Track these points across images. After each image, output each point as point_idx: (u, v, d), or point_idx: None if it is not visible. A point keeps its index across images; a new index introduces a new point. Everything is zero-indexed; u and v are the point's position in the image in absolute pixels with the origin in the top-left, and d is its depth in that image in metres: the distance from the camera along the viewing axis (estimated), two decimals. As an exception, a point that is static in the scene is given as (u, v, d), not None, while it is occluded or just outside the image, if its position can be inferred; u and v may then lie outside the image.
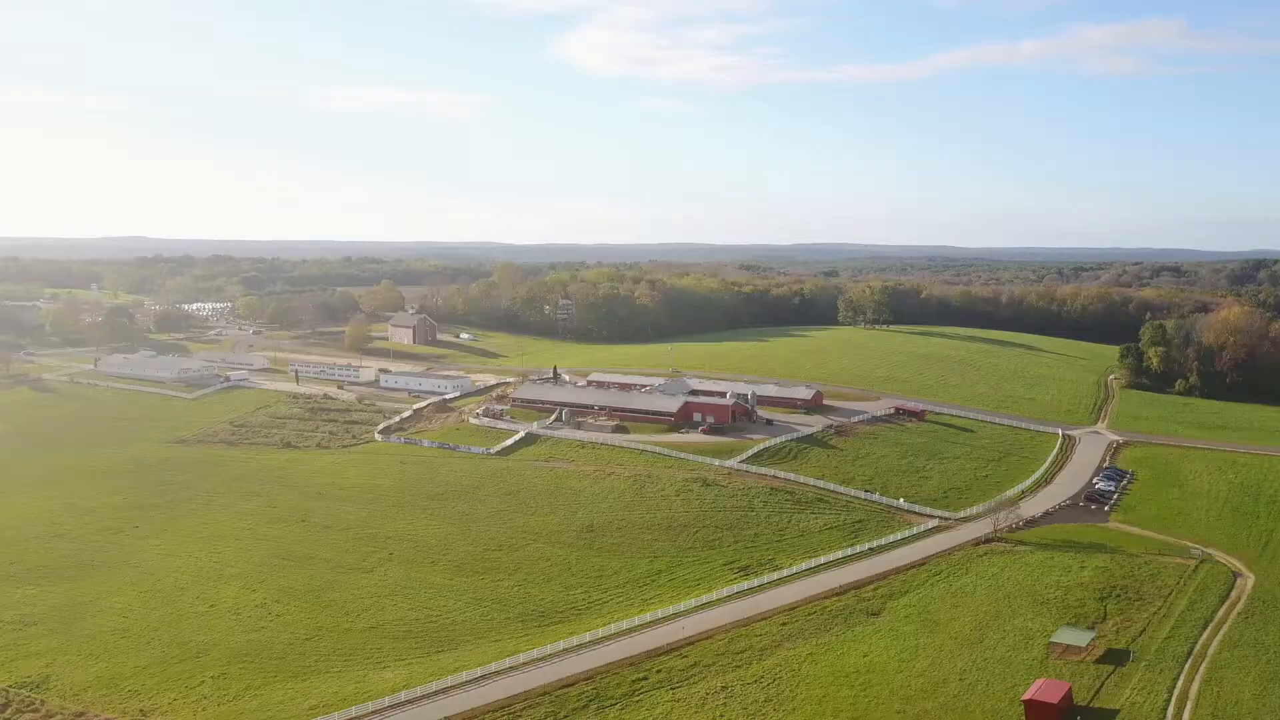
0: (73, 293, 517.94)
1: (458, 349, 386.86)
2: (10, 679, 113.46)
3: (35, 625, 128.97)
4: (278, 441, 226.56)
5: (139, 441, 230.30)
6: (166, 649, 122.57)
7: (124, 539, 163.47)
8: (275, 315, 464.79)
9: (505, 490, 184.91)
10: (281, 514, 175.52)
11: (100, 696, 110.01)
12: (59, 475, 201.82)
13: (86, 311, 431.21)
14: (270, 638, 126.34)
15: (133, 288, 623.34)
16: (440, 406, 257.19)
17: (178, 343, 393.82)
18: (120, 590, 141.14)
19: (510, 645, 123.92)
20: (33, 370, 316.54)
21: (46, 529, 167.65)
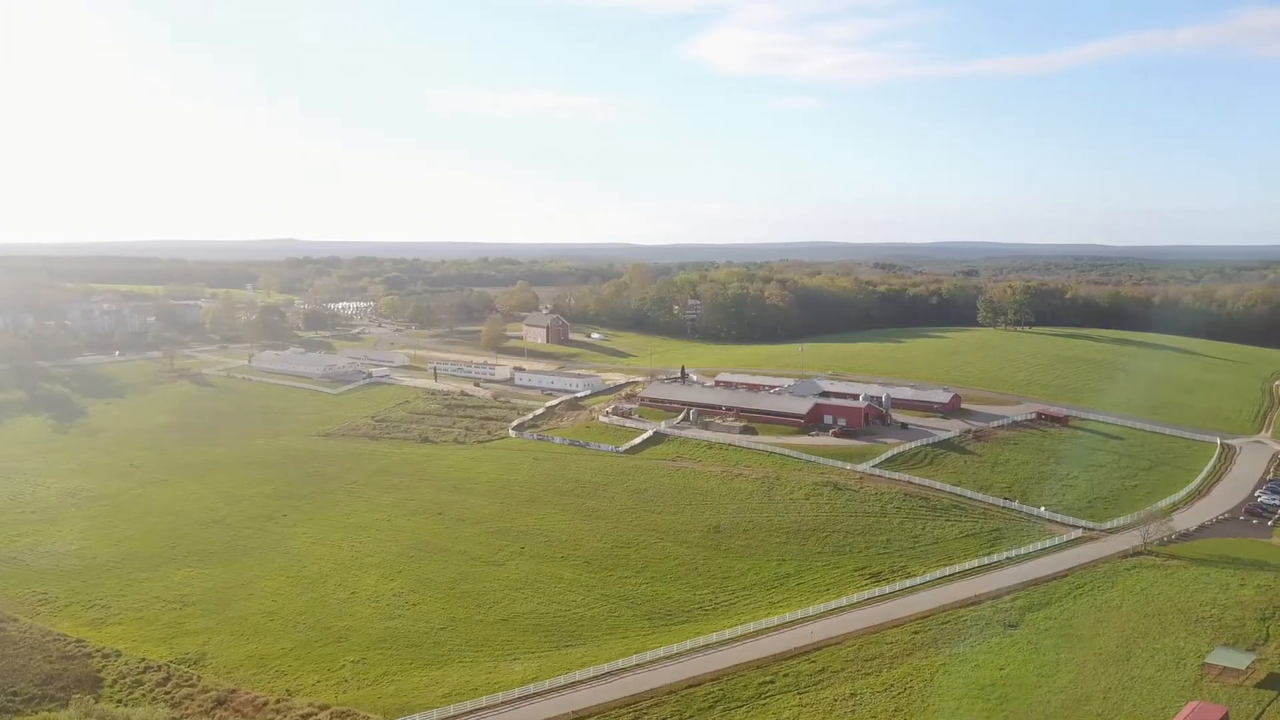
0: (230, 292, 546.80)
1: (589, 348, 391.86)
2: (171, 655, 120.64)
3: (193, 605, 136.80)
4: (416, 436, 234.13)
5: (288, 434, 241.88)
6: (311, 633, 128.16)
7: (273, 526, 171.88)
8: (415, 314, 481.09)
9: (633, 488, 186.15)
10: (419, 506, 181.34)
11: (250, 675, 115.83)
12: (215, 464, 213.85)
13: (242, 310, 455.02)
14: (407, 626, 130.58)
15: (284, 287, 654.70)
16: (571, 404, 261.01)
17: (324, 340, 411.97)
18: (269, 575, 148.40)
19: (637, 642, 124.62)
20: (193, 365, 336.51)
21: (204, 515, 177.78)
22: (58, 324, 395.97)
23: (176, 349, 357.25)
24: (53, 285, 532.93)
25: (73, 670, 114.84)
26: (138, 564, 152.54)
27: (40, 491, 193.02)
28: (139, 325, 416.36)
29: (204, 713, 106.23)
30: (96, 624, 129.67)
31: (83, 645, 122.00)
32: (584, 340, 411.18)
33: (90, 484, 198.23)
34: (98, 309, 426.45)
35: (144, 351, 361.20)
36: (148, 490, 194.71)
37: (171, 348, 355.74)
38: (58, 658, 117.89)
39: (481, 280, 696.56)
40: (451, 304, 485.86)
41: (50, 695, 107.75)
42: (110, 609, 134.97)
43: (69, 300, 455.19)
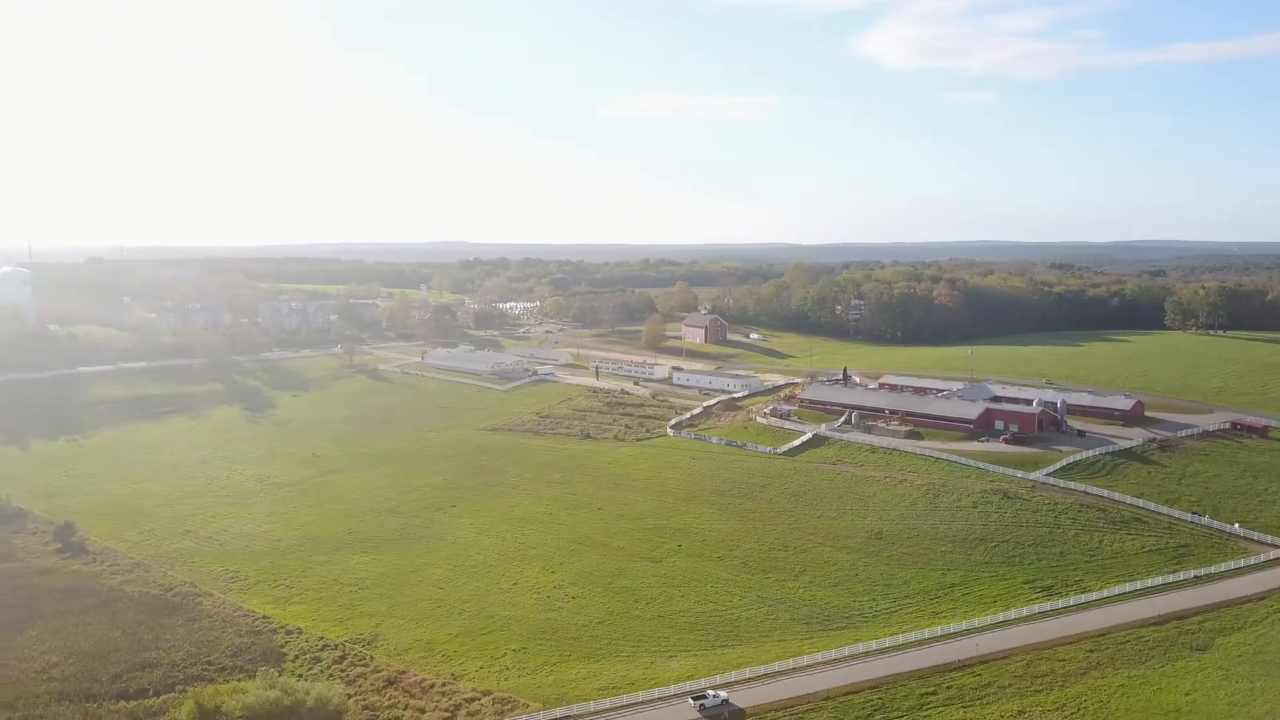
0: (405, 292, 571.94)
1: (747, 349, 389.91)
2: (346, 634, 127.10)
3: (367, 589, 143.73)
4: (578, 433, 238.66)
5: (457, 428, 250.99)
6: (474, 620, 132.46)
7: (442, 516, 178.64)
8: (579, 314, 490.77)
9: (791, 491, 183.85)
10: (579, 501, 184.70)
11: (418, 658, 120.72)
12: (389, 456, 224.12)
13: (416, 309, 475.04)
14: (566, 618, 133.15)
15: (455, 288, 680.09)
16: (729, 405, 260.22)
17: (492, 339, 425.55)
18: (438, 563, 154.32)
19: (794, 646, 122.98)
20: (371, 361, 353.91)
21: (378, 504, 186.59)
22: (251, 321, 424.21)
23: (356, 345, 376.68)
24: (247, 285, 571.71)
25: (259, 644, 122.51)
26: (318, 548, 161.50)
27: (234, 477, 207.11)
28: (322, 323, 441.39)
29: (375, 691, 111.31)
30: (280, 602, 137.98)
31: (268, 621, 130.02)
32: (742, 340, 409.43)
33: (277, 471, 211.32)
34: (286, 307, 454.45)
35: (326, 347, 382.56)
36: (328, 478, 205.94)
37: (351, 344, 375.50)
38: (246, 632, 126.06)
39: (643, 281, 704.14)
40: (613, 304, 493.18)
41: (239, 666, 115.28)
42: (293, 589, 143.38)
43: (261, 299, 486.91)
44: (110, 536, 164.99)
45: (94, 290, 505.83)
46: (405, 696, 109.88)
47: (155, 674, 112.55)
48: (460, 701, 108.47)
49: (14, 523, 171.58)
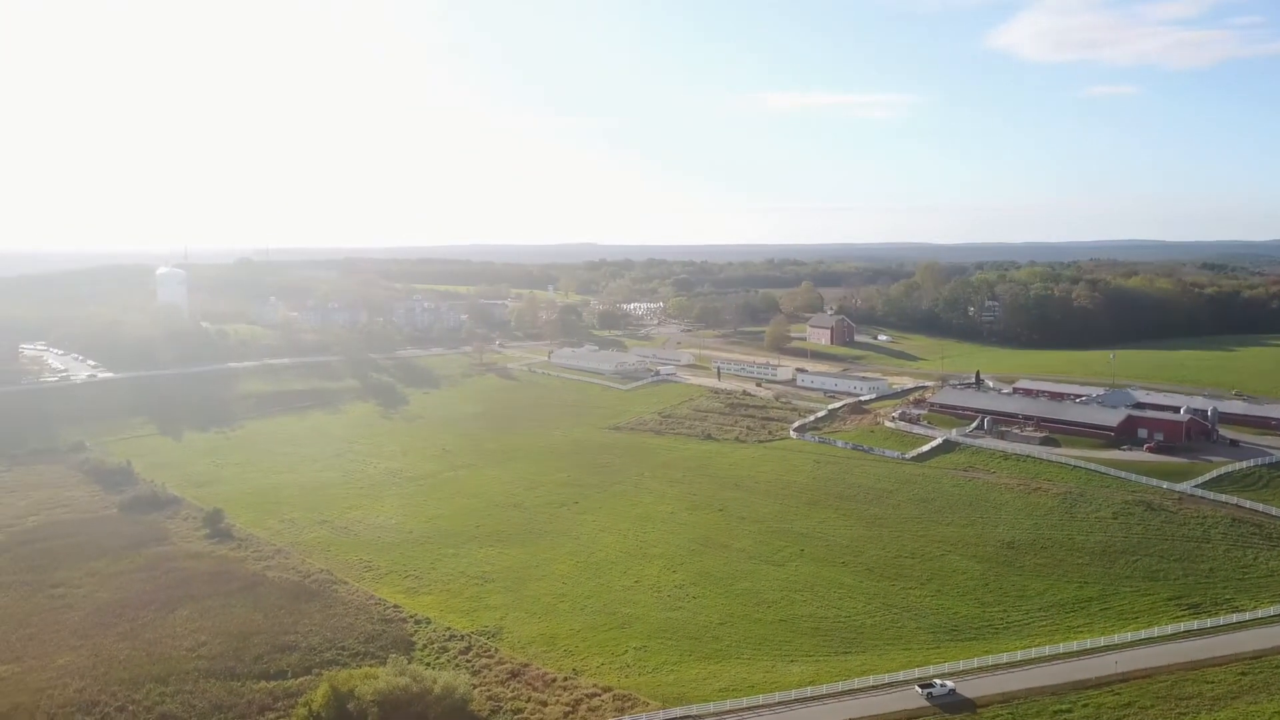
0: (533, 293, 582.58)
1: (874, 350, 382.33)
2: (472, 626, 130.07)
3: (493, 582, 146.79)
4: (699, 433, 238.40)
5: (581, 426, 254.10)
6: (596, 616, 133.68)
7: (565, 513, 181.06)
8: (701, 315, 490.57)
9: (919, 497, 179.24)
10: (701, 502, 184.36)
11: (541, 652, 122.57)
12: (516, 452, 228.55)
13: (543, 309, 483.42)
14: (687, 618, 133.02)
15: (581, 289, 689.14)
16: (855, 408, 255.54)
17: (616, 339, 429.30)
18: (561, 559, 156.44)
19: (920, 655, 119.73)
20: (499, 360, 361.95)
21: (504, 499, 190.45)
22: (386, 320, 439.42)
23: (485, 344, 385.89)
24: (383, 286, 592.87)
25: (390, 632, 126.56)
26: (446, 540, 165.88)
27: (368, 470, 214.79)
28: (454, 322, 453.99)
29: (499, 683, 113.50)
30: (410, 592, 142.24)
31: (399, 610, 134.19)
32: (869, 342, 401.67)
33: (408, 465, 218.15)
34: (419, 307, 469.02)
35: (457, 346, 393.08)
36: (457, 473, 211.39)
37: (481, 343, 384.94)
38: (378, 620, 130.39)
39: (766, 281, 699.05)
40: (736, 305, 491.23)
41: (371, 653, 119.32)
42: (422, 580, 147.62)
43: (395, 299, 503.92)
44: (254, 524, 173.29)
45: (243, 290, 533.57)
46: (528, 689, 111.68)
47: (294, 657, 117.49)
48: (581, 696, 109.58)
49: (168, 508, 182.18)
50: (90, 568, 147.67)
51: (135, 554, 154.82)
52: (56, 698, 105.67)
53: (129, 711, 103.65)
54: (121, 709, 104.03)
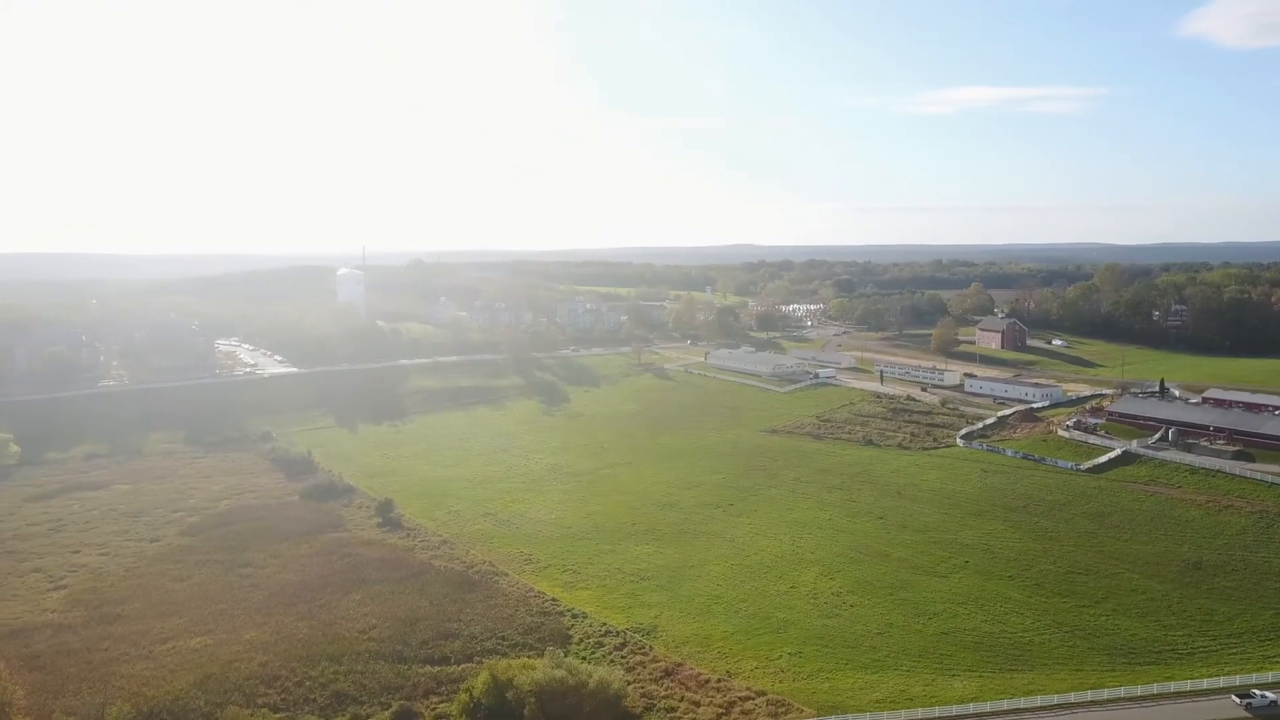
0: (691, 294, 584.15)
1: (1048, 356, 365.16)
2: (628, 623, 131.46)
3: (648, 580, 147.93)
4: (860, 438, 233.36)
5: (737, 428, 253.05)
6: (751, 620, 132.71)
7: (721, 515, 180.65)
8: (863, 316, 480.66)
9: (1094, 511, 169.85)
10: (860, 509, 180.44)
11: (695, 652, 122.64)
12: (672, 452, 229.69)
13: (701, 311, 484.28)
14: (844, 626, 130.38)
15: (739, 290, 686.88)
16: (1026, 415, 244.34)
17: (774, 340, 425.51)
18: (716, 560, 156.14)
19: (1092, 678, 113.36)
20: (657, 360, 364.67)
21: (661, 498, 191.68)
22: (549, 320, 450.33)
23: (644, 345, 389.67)
24: (547, 287, 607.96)
25: (548, 625, 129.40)
26: (603, 537, 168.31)
27: (530, 465, 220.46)
28: (613, 323, 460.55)
29: (653, 680, 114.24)
30: (568, 586, 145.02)
31: (556, 604, 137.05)
32: (1043, 347, 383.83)
33: (568, 461, 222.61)
34: (581, 308, 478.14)
35: (616, 346, 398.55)
36: (615, 471, 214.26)
37: (639, 343, 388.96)
38: (537, 612, 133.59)
39: (933, 283, 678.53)
40: (901, 306, 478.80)
41: (530, 644, 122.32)
42: (580, 574, 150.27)
43: (559, 300, 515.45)
44: (422, 515, 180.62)
45: (415, 290, 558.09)
46: (681, 689, 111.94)
47: (456, 644, 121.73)
48: (735, 699, 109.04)
49: (344, 497, 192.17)
50: (274, 550, 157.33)
51: (314, 539, 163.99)
52: (243, 669, 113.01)
53: (306, 687, 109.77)
54: (299, 684, 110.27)
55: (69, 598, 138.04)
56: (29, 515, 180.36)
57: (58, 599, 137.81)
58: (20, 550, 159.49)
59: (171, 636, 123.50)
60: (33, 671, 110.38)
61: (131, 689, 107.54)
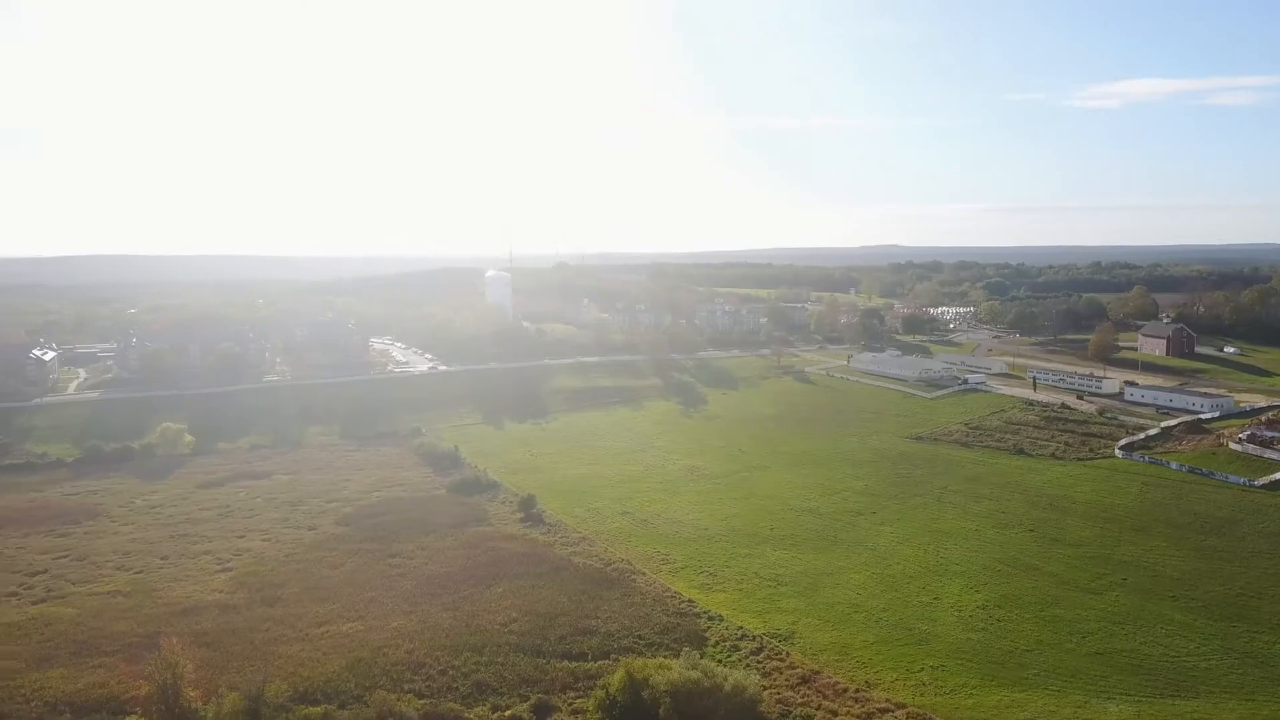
0: (834, 296, 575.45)
1: (1219, 364, 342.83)
2: (764, 628, 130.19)
3: (785, 585, 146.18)
4: (1010, 447, 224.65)
5: (880, 434, 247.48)
6: (891, 630, 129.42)
7: (861, 521, 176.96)
8: (1016, 321, 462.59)
9: (1270, 530, 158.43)
10: (1009, 520, 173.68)
11: (833, 660, 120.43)
12: (811, 457, 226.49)
13: (843, 313, 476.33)
14: (989, 641, 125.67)
15: (884, 291, 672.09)
16: (1193, 427, 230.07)
17: (920, 344, 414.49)
18: (856, 568, 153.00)
19: (1266, 709, 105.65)
20: (797, 363, 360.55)
21: (799, 503, 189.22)
22: (688, 322, 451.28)
23: (783, 347, 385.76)
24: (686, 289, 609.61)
25: (684, 626, 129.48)
26: (740, 540, 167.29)
27: (667, 466, 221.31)
28: (753, 325, 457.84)
29: (790, 687, 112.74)
30: (704, 588, 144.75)
31: (692, 605, 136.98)
32: (1213, 354, 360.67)
33: (705, 463, 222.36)
34: (720, 310, 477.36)
35: (755, 349, 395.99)
36: (752, 474, 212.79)
37: (779, 346, 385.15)
38: (673, 613, 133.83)
39: (1091, 286, 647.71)
40: (1056, 310, 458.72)
41: (665, 644, 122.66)
42: (716, 577, 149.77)
43: (698, 302, 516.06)
44: (562, 511, 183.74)
45: (559, 292, 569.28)
46: (818, 697, 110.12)
47: (594, 641, 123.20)
48: (874, 710, 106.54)
49: (489, 492, 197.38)
50: (422, 542, 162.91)
51: (459, 532, 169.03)
52: (390, 656, 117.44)
53: (449, 675, 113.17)
54: (443, 672, 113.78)
55: (234, 580, 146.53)
56: (200, 501, 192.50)
57: (224, 580, 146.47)
58: (192, 534, 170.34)
59: (326, 621, 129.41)
60: (201, 647, 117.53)
61: (289, 669, 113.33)
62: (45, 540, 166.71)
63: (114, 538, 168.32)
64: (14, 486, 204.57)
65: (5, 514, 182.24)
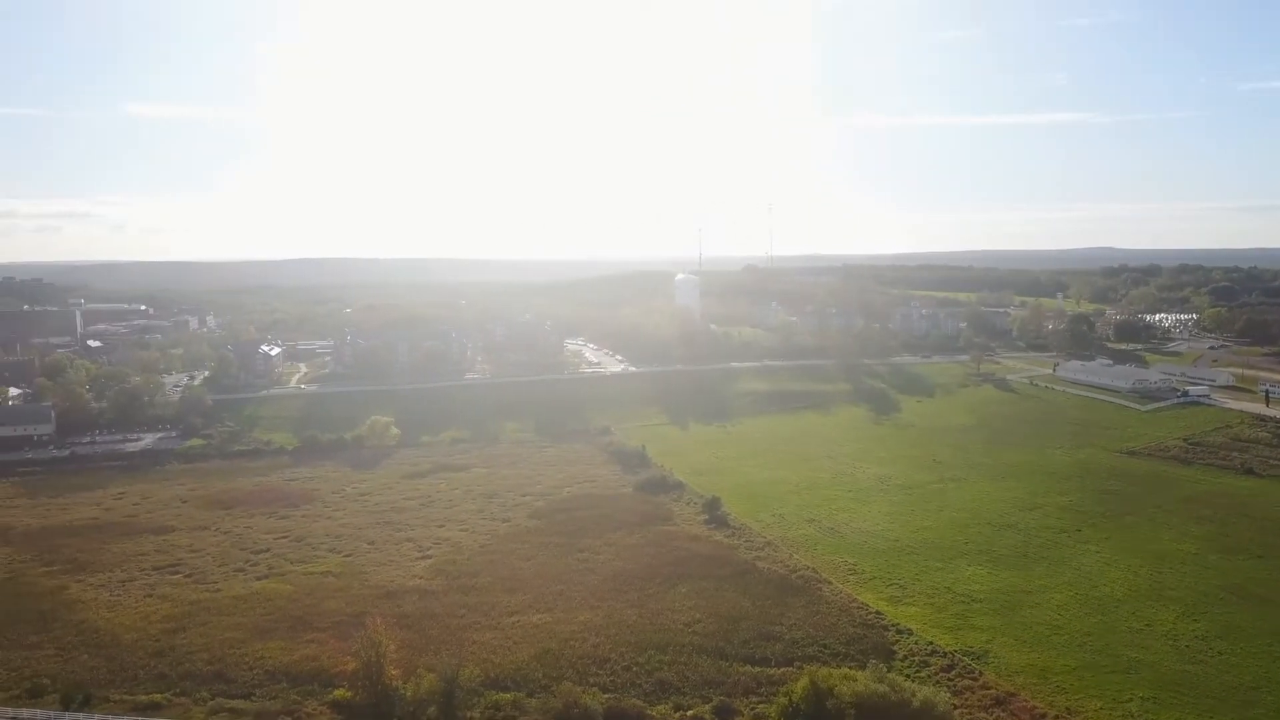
0: (1039, 301, 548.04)
1: None
2: (956, 645, 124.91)
3: (980, 602, 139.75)
4: (1237, 466, 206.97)
5: (1087, 447, 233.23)
6: (1096, 656, 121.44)
7: (1065, 539, 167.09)
8: (1246, 329, 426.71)
9: None
10: (1235, 545, 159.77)
11: (1029, 683, 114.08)
12: (1011, 469, 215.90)
13: (1050, 319, 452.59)
14: (1209, 674, 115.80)
15: (1095, 297, 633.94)
16: None
17: (1134, 353, 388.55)
18: (1057, 588, 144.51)
19: None
20: (998, 370, 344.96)
21: (997, 517, 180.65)
22: (881, 326, 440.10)
23: (984, 353, 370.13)
24: (879, 291, 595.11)
25: (870, 638, 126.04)
26: (932, 553, 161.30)
27: (856, 474, 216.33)
28: (951, 329, 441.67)
29: (983, 708, 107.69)
30: (893, 601, 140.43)
31: (880, 618, 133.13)
32: None
33: (897, 473, 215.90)
34: (915, 313, 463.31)
35: (953, 355, 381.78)
36: (946, 486, 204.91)
37: (979, 352, 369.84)
38: (859, 624, 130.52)
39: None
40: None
41: (850, 655, 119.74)
42: (906, 590, 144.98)
43: (892, 305, 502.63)
44: (746, 515, 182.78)
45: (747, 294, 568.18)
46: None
47: (777, 646, 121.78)
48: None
49: (673, 492, 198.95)
50: (609, 538, 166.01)
51: (645, 530, 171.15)
52: (577, 648, 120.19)
53: (632, 671, 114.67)
54: (627, 668, 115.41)
55: (433, 567, 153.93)
56: (404, 490, 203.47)
57: (424, 567, 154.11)
58: (396, 521, 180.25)
59: (517, 611, 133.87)
60: (402, 629, 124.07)
61: (481, 655, 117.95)
62: (268, 521, 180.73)
63: (327, 521, 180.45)
64: (243, 470, 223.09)
65: (235, 495, 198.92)
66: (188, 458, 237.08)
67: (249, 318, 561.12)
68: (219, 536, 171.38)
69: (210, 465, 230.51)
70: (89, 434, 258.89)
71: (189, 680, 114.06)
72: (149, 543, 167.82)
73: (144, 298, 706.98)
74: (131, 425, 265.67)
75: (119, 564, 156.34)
